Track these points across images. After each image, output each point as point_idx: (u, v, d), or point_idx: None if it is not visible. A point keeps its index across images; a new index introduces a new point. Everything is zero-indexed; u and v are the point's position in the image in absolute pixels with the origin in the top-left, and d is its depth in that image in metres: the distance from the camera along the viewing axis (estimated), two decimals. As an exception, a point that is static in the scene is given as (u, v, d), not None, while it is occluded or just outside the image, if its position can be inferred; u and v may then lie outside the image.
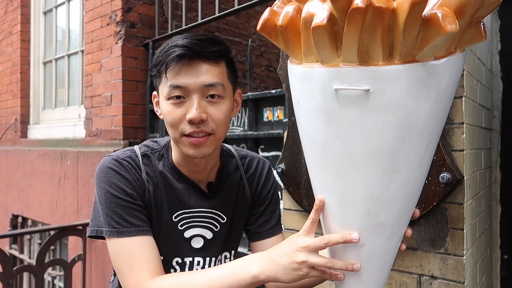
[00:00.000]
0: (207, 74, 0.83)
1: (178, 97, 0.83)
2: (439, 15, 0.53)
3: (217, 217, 0.96)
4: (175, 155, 0.93)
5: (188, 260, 0.93)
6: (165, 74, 0.83)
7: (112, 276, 1.03)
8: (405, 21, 0.54)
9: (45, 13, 3.82)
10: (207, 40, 0.84)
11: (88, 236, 0.89)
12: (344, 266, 0.70)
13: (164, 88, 0.84)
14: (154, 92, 0.92)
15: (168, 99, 0.84)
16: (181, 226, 0.93)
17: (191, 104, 0.82)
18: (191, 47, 0.81)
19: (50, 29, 3.75)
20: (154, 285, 0.79)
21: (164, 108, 0.85)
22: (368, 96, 0.59)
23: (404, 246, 0.77)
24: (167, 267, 0.91)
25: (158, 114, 0.92)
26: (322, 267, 0.71)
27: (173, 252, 0.92)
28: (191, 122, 0.82)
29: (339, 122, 0.63)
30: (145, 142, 0.97)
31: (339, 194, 0.68)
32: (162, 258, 0.90)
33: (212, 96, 0.84)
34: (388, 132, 0.61)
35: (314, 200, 0.75)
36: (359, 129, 0.62)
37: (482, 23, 0.60)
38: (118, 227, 0.83)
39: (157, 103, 0.92)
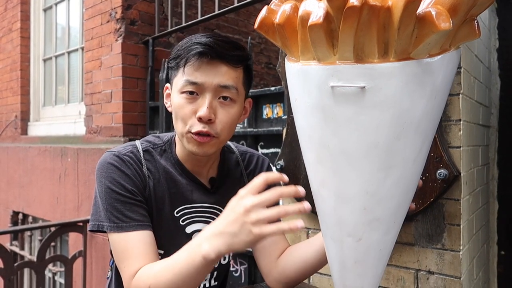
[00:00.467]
0: (225, 76, 0.84)
1: (191, 92, 0.84)
2: (433, 13, 0.54)
3: (218, 212, 0.97)
4: (179, 150, 0.94)
5: (188, 255, 0.94)
6: (184, 68, 0.84)
7: (109, 272, 1.04)
8: (399, 19, 0.55)
9: (45, 10, 3.82)
10: (230, 43, 0.86)
11: (89, 230, 0.90)
12: (297, 208, 0.66)
13: (179, 82, 0.85)
14: (167, 84, 0.93)
15: (182, 92, 0.85)
16: (182, 221, 0.94)
17: (203, 102, 0.84)
18: (213, 46, 0.82)
19: (50, 26, 3.76)
20: (135, 280, 0.80)
21: (175, 101, 0.87)
22: (364, 93, 0.60)
23: (413, 206, 0.78)
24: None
25: (167, 106, 0.93)
26: (276, 217, 0.66)
27: (173, 248, 0.93)
28: (200, 119, 0.83)
29: (336, 119, 0.64)
30: (146, 138, 0.98)
31: (336, 189, 0.69)
32: (162, 252, 0.91)
33: (225, 98, 0.85)
34: (383, 129, 0.62)
35: (312, 196, 0.76)
36: (355, 126, 0.63)
37: (476, 21, 0.61)
38: (118, 222, 0.84)
39: (168, 95, 0.93)
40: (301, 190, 0.68)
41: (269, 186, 1.01)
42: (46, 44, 3.82)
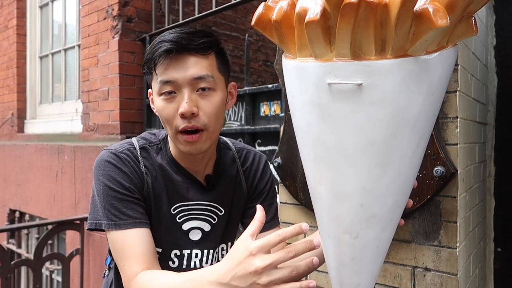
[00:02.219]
0: (196, 66, 0.83)
1: (169, 92, 0.83)
2: (430, 10, 0.54)
3: (215, 209, 0.97)
4: (173, 149, 0.94)
5: (186, 252, 0.95)
6: (155, 70, 0.83)
7: (106, 271, 1.04)
8: (397, 16, 0.54)
9: (41, 7, 3.80)
10: (194, 33, 0.84)
11: (87, 229, 0.90)
12: (307, 267, 0.66)
13: (155, 85, 0.85)
14: (149, 90, 0.93)
15: (160, 95, 0.84)
16: (179, 218, 0.94)
17: (182, 98, 0.83)
18: (177, 41, 0.81)
19: (47, 23, 3.74)
20: (135, 285, 0.79)
21: (157, 104, 0.86)
22: (361, 90, 0.60)
23: (402, 221, 0.77)
24: (165, 260, 0.92)
25: (154, 111, 0.93)
26: (287, 278, 0.64)
27: (171, 245, 0.93)
28: (183, 116, 0.82)
29: (333, 116, 0.64)
30: (142, 135, 0.98)
31: (333, 186, 0.69)
32: (160, 250, 0.91)
33: (203, 89, 0.84)
34: (381, 126, 0.62)
35: (309, 193, 0.76)
36: (352, 123, 0.63)
37: (473, 18, 0.61)
38: (116, 220, 0.84)
39: (152, 100, 0.92)
40: (304, 226, 0.66)
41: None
42: (43, 41, 3.81)
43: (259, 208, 0.72)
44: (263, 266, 0.63)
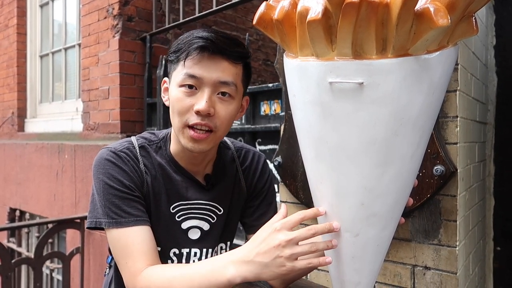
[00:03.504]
0: (224, 71, 0.84)
1: (190, 86, 0.84)
2: (431, 9, 0.54)
3: (214, 209, 0.97)
4: (173, 147, 0.94)
5: (185, 251, 0.95)
6: (184, 61, 0.84)
7: (107, 269, 1.04)
8: (398, 15, 0.55)
9: (41, 6, 3.80)
10: (231, 39, 0.86)
11: (87, 228, 0.90)
12: (326, 245, 0.70)
13: (178, 75, 0.85)
14: (165, 78, 0.93)
15: (181, 86, 0.84)
16: (178, 217, 0.94)
17: (202, 96, 0.83)
18: (215, 41, 0.82)
19: (47, 22, 3.74)
20: (143, 279, 0.80)
21: (173, 94, 0.86)
22: (362, 89, 0.61)
23: (403, 220, 0.78)
24: (164, 258, 0.93)
25: (164, 100, 0.93)
26: (308, 253, 0.69)
27: (170, 243, 0.94)
28: (198, 113, 0.83)
29: (334, 115, 0.64)
30: (142, 134, 0.98)
31: (334, 185, 0.69)
32: (159, 249, 0.92)
33: (224, 94, 0.85)
34: (381, 125, 0.63)
35: (310, 192, 0.77)
36: (353, 122, 0.63)
37: (474, 18, 0.62)
38: (117, 217, 0.84)
39: (166, 89, 0.93)
40: (322, 209, 0.72)
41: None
42: (43, 40, 3.81)
43: (283, 206, 0.77)
44: (286, 239, 0.68)
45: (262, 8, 0.68)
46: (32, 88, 3.84)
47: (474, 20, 0.62)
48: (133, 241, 0.83)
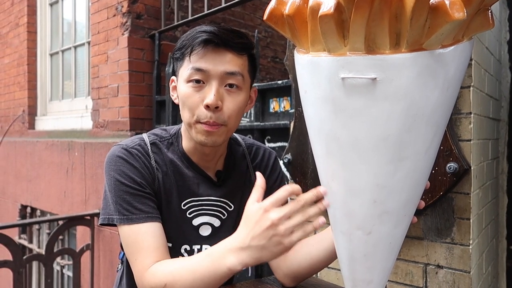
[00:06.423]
0: (230, 63, 0.84)
1: (197, 81, 0.84)
2: (447, 2, 0.53)
3: (225, 205, 0.97)
4: (185, 143, 0.94)
5: (196, 247, 0.95)
6: (189, 57, 0.84)
7: (120, 265, 1.05)
8: (412, 9, 0.54)
9: (51, 4, 3.83)
10: (234, 32, 0.87)
11: (99, 224, 0.90)
12: (317, 208, 0.70)
13: (185, 71, 0.85)
14: (173, 77, 0.94)
15: (188, 82, 0.85)
16: (189, 214, 0.94)
17: (209, 89, 0.84)
18: (218, 34, 0.83)
19: (57, 20, 3.76)
20: (149, 275, 0.81)
21: (182, 90, 0.86)
22: (375, 85, 0.59)
23: (415, 219, 0.77)
24: (175, 255, 0.93)
25: (173, 98, 0.94)
26: (301, 222, 0.69)
27: (181, 240, 0.94)
28: (207, 107, 0.83)
29: (346, 111, 0.63)
30: (153, 131, 0.98)
31: (346, 182, 0.68)
32: (170, 245, 0.92)
33: (231, 85, 0.85)
34: (394, 121, 0.62)
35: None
36: (365, 118, 0.62)
37: (489, 11, 0.60)
38: (128, 214, 0.85)
39: (174, 88, 0.93)
40: (322, 190, 0.70)
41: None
42: (53, 38, 3.83)
43: (259, 175, 0.76)
44: (278, 217, 0.68)
45: (272, 3, 0.67)
46: (42, 86, 3.87)
47: (490, 13, 0.60)
48: (143, 238, 0.83)
